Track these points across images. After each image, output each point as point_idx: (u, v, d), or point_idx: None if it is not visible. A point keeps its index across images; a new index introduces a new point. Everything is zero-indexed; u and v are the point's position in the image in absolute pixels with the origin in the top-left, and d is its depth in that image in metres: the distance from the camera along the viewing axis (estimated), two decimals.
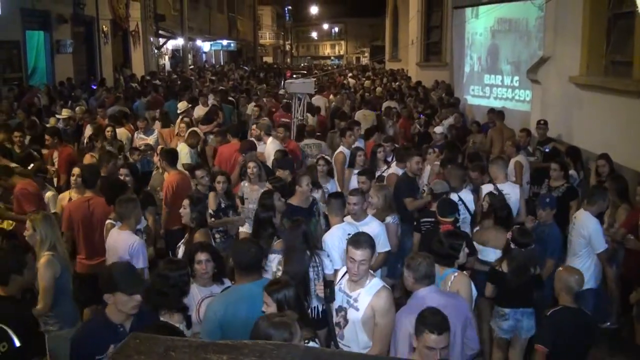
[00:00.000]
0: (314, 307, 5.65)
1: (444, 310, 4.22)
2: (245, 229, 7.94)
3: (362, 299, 4.83)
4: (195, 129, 11.97)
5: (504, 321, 6.26)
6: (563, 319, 5.26)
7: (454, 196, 7.81)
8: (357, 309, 4.85)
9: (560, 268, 5.85)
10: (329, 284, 5.21)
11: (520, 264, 6.10)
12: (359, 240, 4.89)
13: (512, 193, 8.23)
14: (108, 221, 6.83)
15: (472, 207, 8.07)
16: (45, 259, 5.54)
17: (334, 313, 5.10)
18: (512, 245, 6.17)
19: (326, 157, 9.94)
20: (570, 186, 8.74)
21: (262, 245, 5.44)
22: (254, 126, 11.59)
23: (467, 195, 8.15)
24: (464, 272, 5.76)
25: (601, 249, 7.05)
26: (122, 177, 7.96)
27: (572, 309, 5.31)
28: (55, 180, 9.97)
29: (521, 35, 16.80)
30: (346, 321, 4.94)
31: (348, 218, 6.74)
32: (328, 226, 6.91)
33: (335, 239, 6.26)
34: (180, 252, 6.29)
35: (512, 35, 17.20)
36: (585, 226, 7.11)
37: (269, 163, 9.67)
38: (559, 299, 5.44)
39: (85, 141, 11.55)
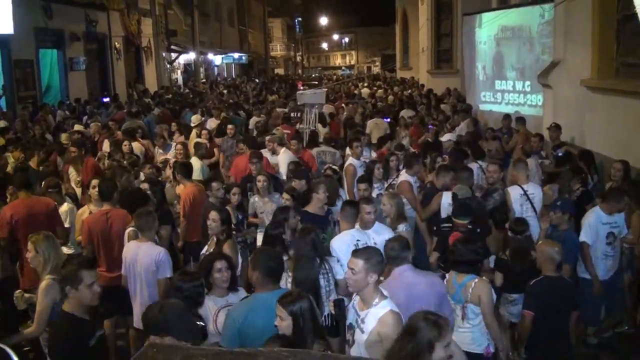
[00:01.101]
0: (327, 315, 5.64)
1: (417, 287, 5.08)
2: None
3: (368, 321, 4.57)
4: (199, 140, 12.08)
5: (513, 306, 6.63)
6: (545, 286, 5.86)
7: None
8: (362, 331, 4.62)
9: (541, 242, 6.52)
10: (339, 303, 5.12)
11: (518, 248, 6.54)
12: (358, 250, 4.92)
13: (536, 193, 8.39)
14: (130, 229, 6.84)
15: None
16: (46, 283, 5.47)
17: (346, 329, 4.96)
18: (510, 234, 6.75)
19: (334, 167, 9.97)
20: (585, 190, 8.70)
21: None
22: (267, 138, 11.62)
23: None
24: (483, 277, 5.71)
25: (581, 239, 7.23)
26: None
27: (553, 277, 5.91)
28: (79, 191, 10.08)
29: (525, 42, 16.90)
30: (353, 341, 4.77)
31: (357, 225, 6.76)
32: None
33: (343, 244, 6.24)
34: None
35: (515, 42, 17.36)
36: (586, 217, 7.33)
37: (283, 172, 9.72)
38: (542, 270, 5.98)
39: (103, 156, 11.58)
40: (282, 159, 10.47)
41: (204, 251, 6.63)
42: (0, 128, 13.95)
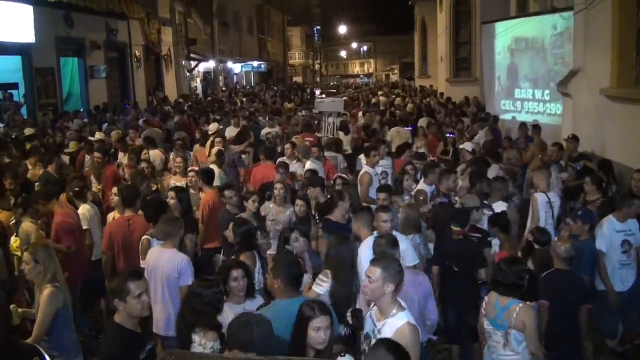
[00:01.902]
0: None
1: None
2: (271, 252, 7.82)
3: (385, 332, 4.48)
4: (220, 148, 12.11)
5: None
6: (556, 279, 6.15)
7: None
8: None
9: (555, 238, 6.80)
10: (357, 313, 5.01)
11: (545, 260, 6.50)
12: (377, 259, 4.86)
13: (557, 200, 8.50)
14: (144, 237, 6.89)
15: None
16: (49, 291, 5.38)
17: (362, 339, 4.88)
18: (536, 246, 6.74)
19: (343, 175, 9.96)
20: (606, 200, 8.62)
21: None
22: (288, 146, 11.65)
23: (501, 208, 8.17)
24: (528, 302, 5.46)
25: (597, 247, 7.28)
26: (168, 200, 7.96)
27: (563, 270, 6.22)
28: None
29: (538, 53, 16.93)
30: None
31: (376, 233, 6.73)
32: None
33: (368, 253, 6.02)
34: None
35: (529, 53, 17.47)
36: (600, 226, 7.36)
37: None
38: (554, 264, 6.31)
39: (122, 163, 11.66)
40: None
41: (220, 257, 6.64)
42: (26, 136, 14.07)
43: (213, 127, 14.67)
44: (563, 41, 15.41)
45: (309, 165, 10.76)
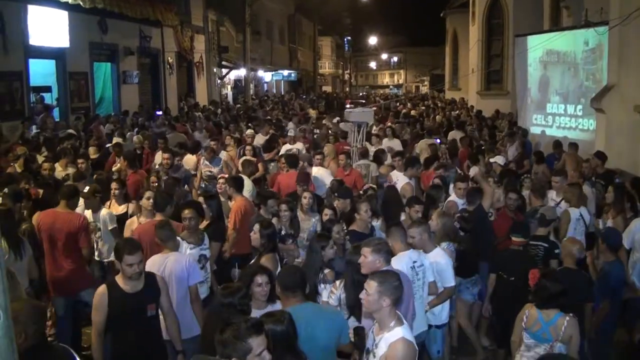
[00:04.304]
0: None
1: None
2: (299, 260, 7.77)
3: (380, 346, 4.44)
4: (248, 157, 12.11)
5: None
6: (564, 277, 6.14)
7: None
8: (374, 356, 4.50)
9: (565, 239, 7.25)
10: (359, 330, 4.98)
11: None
12: (376, 272, 4.80)
13: (588, 216, 8.59)
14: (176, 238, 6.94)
15: None
16: None
17: (364, 353, 4.83)
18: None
19: (373, 185, 9.92)
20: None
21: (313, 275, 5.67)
22: (318, 156, 11.67)
23: None
24: (571, 314, 5.48)
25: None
26: None
27: (572, 269, 6.60)
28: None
29: (569, 67, 16.77)
30: None
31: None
32: None
33: (400, 265, 6.03)
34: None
35: (560, 67, 17.28)
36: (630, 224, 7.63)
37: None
38: (564, 262, 6.73)
39: (155, 167, 11.73)
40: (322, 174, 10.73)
41: (251, 264, 6.64)
42: (63, 136, 14.26)
43: (249, 134, 14.72)
44: (595, 57, 15.25)
45: (315, 171, 10.86)
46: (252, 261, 6.62)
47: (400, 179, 10.31)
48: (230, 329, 3.76)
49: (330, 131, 16.91)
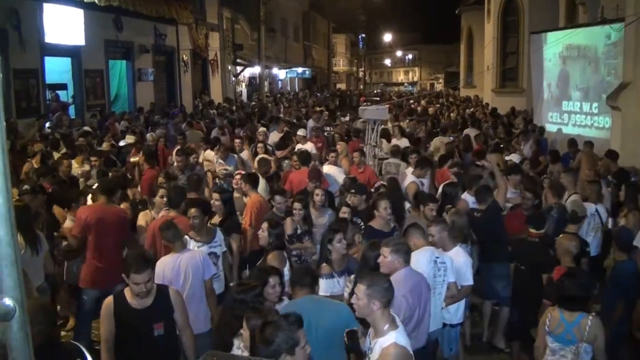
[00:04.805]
0: None
1: (418, 285, 5.42)
2: (316, 257, 7.87)
3: (375, 350, 4.32)
4: (263, 156, 12.11)
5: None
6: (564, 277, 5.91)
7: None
8: None
9: (561, 236, 7.02)
10: (351, 334, 4.77)
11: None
12: (365, 275, 4.76)
13: (604, 213, 8.64)
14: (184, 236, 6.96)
15: None
16: None
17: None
18: None
19: (384, 183, 9.89)
20: None
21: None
22: (333, 154, 11.67)
23: None
24: (594, 313, 5.45)
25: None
26: (213, 202, 8.05)
27: (570, 268, 6.26)
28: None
29: (590, 62, 16.56)
30: None
31: None
32: None
33: (422, 260, 6.10)
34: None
35: (581, 62, 17.05)
36: None
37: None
38: (561, 261, 6.56)
39: (174, 162, 11.77)
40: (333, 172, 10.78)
41: (259, 263, 6.67)
42: (82, 132, 14.37)
43: (262, 131, 14.76)
44: (616, 52, 15.04)
45: (326, 169, 10.88)
46: (261, 260, 6.64)
47: (407, 177, 10.29)
48: (272, 326, 3.81)
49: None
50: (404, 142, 14.65)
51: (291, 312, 4.11)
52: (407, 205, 9.17)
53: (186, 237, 6.91)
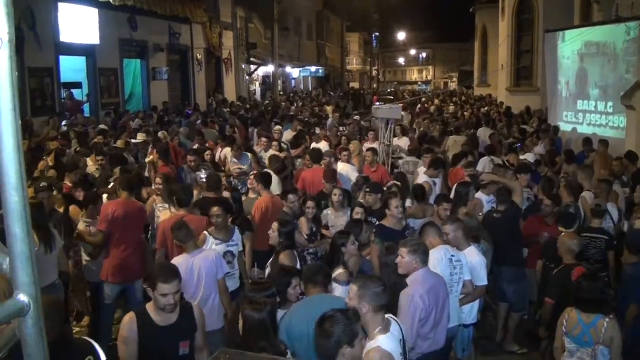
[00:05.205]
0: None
1: (436, 287, 5.38)
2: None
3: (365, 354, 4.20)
4: (275, 153, 12.13)
5: None
6: (567, 275, 6.21)
7: None
8: None
9: (562, 234, 7.04)
10: None
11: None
12: (359, 277, 4.84)
13: (614, 214, 8.62)
14: (203, 233, 7.06)
15: None
16: None
17: None
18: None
19: (397, 182, 9.89)
20: None
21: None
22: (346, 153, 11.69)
23: None
24: (611, 315, 5.40)
25: None
26: None
27: (573, 265, 6.41)
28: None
29: (609, 59, 16.40)
30: None
31: None
32: None
33: (438, 259, 6.09)
34: (266, 273, 6.45)
35: (599, 59, 16.84)
36: None
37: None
38: (564, 260, 6.63)
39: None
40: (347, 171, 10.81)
41: (269, 262, 6.68)
42: (99, 130, 14.48)
43: (277, 130, 14.80)
44: (636, 48, 14.87)
45: (340, 167, 10.90)
46: (271, 259, 6.66)
47: (420, 177, 10.27)
48: (329, 320, 3.82)
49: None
50: (404, 142, 14.62)
51: (350, 307, 4.16)
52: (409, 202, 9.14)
53: (205, 233, 6.98)
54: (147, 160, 11.96)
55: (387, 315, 4.41)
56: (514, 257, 7.88)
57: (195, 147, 13.11)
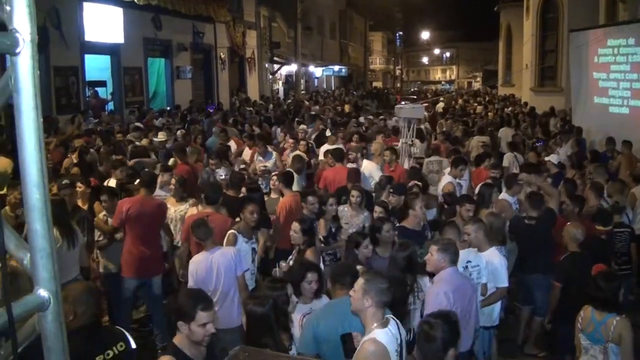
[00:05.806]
0: (410, 329, 5.51)
1: (462, 287, 5.46)
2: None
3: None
4: (299, 153, 12.13)
5: None
6: (572, 261, 6.85)
7: None
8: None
9: (568, 224, 7.33)
10: (345, 337, 4.71)
11: None
12: (367, 271, 4.85)
13: (629, 214, 8.74)
14: (230, 232, 7.09)
15: None
16: None
17: None
18: None
19: (419, 183, 9.84)
20: None
21: None
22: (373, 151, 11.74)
23: None
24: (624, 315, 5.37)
25: None
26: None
27: (577, 253, 6.90)
28: None
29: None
30: None
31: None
32: None
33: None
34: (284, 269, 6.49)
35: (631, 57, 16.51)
36: None
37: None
38: (568, 247, 6.99)
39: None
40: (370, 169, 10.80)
41: (290, 258, 6.70)
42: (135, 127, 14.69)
43: (302, 129, 14.82)
44: None
45: (364, 166, 10.94)
46: (294, 257, 6.67)
47: (444, 178, 10.20)
48: (428, 325, 4.06)
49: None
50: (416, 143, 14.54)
51: (450, 312, 4.33)
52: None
53: (234, 232, 7.03)
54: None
55: (388, 315, 4.41)
56: (545, 265, 7.60)
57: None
